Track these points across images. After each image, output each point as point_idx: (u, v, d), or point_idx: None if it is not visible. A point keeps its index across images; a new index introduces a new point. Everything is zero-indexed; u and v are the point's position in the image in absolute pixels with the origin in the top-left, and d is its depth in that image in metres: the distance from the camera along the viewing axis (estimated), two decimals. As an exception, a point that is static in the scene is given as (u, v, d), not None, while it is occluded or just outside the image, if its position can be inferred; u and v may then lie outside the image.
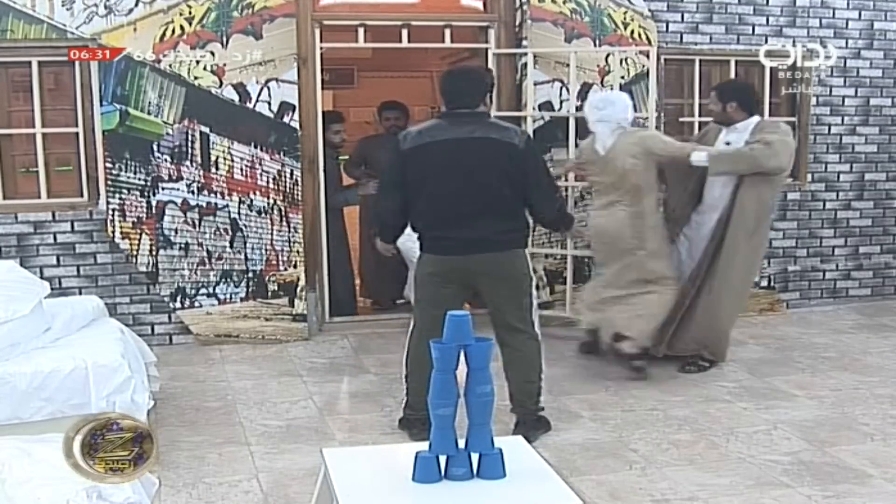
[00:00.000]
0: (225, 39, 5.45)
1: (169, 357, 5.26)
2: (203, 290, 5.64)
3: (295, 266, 5.73)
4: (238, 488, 3.59)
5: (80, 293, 5.35)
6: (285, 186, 5.65)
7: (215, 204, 5.56)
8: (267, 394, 4.76)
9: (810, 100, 6.47)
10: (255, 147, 5.57)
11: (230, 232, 5.62)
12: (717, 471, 3.74)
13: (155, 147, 5.44)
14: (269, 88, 5.53)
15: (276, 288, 5.73)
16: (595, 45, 5.95)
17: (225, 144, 5.52)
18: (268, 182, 5.62)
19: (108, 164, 5.40)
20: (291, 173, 5.64)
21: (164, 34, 5.37)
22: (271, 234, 5.67)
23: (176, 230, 5.54)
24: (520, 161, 3.87)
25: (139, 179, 5.45)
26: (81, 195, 5.52)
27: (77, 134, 5.44)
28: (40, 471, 2.65)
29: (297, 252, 5.73)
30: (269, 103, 5.54)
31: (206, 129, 5.49)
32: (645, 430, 4.22)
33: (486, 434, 2.35)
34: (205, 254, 5.60)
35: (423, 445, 2.38)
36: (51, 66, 5.41)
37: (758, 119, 5.05)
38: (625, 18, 6.00)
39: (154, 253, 5.54)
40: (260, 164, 5.59)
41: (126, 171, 5.43)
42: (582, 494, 2.78)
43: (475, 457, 2.35)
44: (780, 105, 6.40)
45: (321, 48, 5.74)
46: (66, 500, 2.51)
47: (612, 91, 5.62)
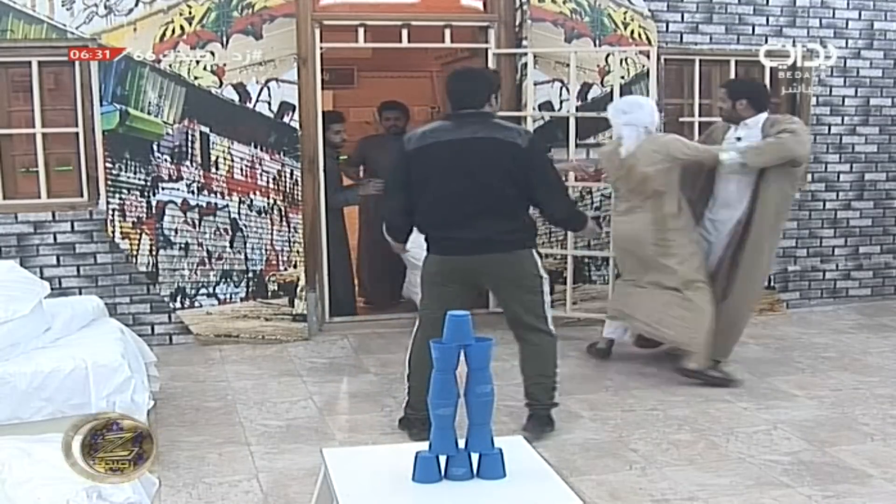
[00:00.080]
0: (225, 39, 5.45)
1: (169, 357, 5.26)
2: (203, 290, 5.64)
3: (295, 266, 5.73)
4: (238, 488, 3.59)
5: (80, 293, 5.34)
6: (285, 186, 5.64)
7: (215, 204, 5.56)
8: (267, 394, 4.76)
9: (810, 100, 6.47)
10: (255, 147, 5.57)
11: (230, 232, 5.62)
12: (717, 471, 3.74)
13: (155, 147, 5.44)
14: (269, 88, 5.53)
15: (276, 288, 5.73)
16: (595, 45, 5.95)
17: (225, 144, 5.52)
18: (268, 182, 5.62)
19: (108, 164, 5.40)
20: (291, 173, 5.64)
21: (164, 34, 5.37)
22: (271, 234, 5.67)
23: (176, 230, 5.54)
24: (523, 161, 3.87)
25: (139, 179, 5.45)
26: (81, 195, 5.52)
27: (77, 134, 5.44)
28: (40, 471, 2.65)
29: (297, 252, 5.73)
30: (269, 103, 5.54)
31: (206, 129, 5.49)
32: (645, 430, 4.22)
33: (486, 434, 2.35)
34: (205, 254, 5.60)
35: (423, 445, 2.38)
36: (51, 66, 5.41)
37: (766, 115, 5.00)
38: (625, 18, 6.00)
39: (154, 253, 5.54)
40: (260, 164, 5.59)
41: (126, 171, 5.43)
42: (582, 494, 2.78)
43: (475, 457, 2.35)
44: (780, 105, 6.38)
45: (321, 48, 5.74)
46: (66, 500, 2.51)
47: (636, 95, 5.54)
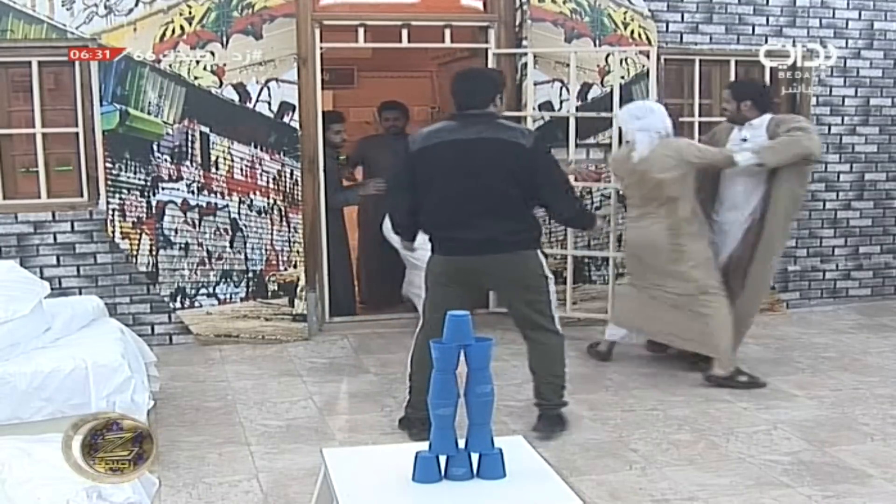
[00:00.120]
0: (225, 39, 5.45)
1: (169, 357, 5.26)
2: (203, 290, 5.64)
3: (295, 266, 5.73)
4: (238, 488, 3.59)
5: (80, 293, 5.35)
6: (285, 186, 5.64)
7: (215, 204, 5.56)
8: (267, 394, 4.76)
9: (810, 100, 6.47)
10: (255, 147, 5.57)
11: (230, 232, 5.62)
12: (717, 471, 3.74)
13: (155, 147, 5.44)
14: (269, 88, 5.53)
15: (276, 288, 5.73)
16: (595, 45, 5.95)
17: (225, 144, 5.52)
18: (268, 182, 5.62)
19: (108, 164, 5.40)
20: (291, 173, 5.64)
21: (164, 34, 5.37)
22: (271, 234, 5.67)
23: (176, 230, 5.54)
24: (527, 161, 3.86)
25: (139, 179, 5.45)
26: (81, 195, 5.52)
27: (77, 134, 5.45)
28: (40, 471, 2.65)
29: (297, 252, 5.73)
30: (269, 103, 5.54)
31: (206, 129, 5.49)
32: (645, 430, 4.22)
33: (486, 434, 2.35)
34: (205, 254, 5.60)
35: (423, 445, 2.38)
36: (51, 66, 5.41)
37: (770, 116, 4.98)
38: (625, 18, 6.00)
39: (154, 253, 5.54)
40: (260, 164, 5.59)
41: (126, 171, 5.43)
42: (582, 494, 2.78)
43: (475, 457, 2.35)
44: (780, 105, 6.38)
45: (321, 48, 5.74)
46: (66, 500, 2.51)
47: (646, 100, 5.49)
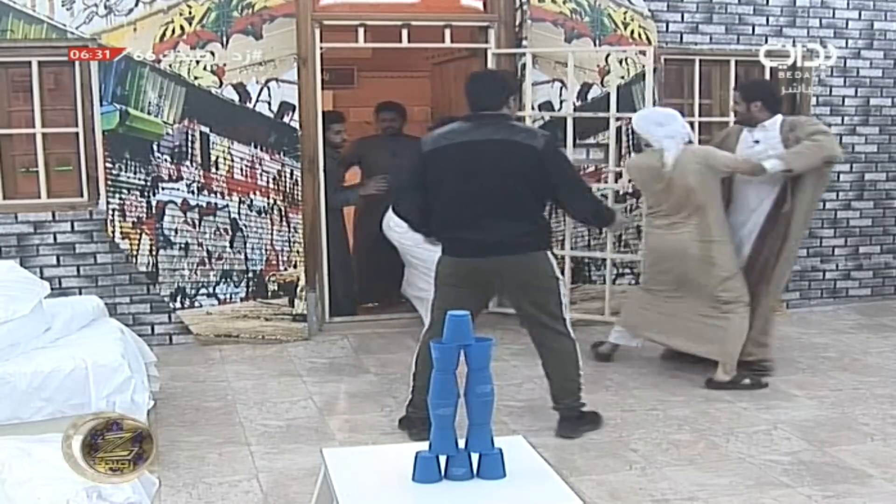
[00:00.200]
0: (225, 39, 5.45)
1: (169, 357, 5.26)
2: (203, 290, 5.64)
3: (295, 266, 5.73)
4: (238, 488, 3.59)
5: (80, 293, 5.34)
6: (285, 186, 5.64)
7: (215, 204, 5.56)
8: (267, 394, 4.75)
9: (810, 100, 6.47)
10: (255, 147, 5.56)
11: (230, 232, 5.62)
12: (717, 471, 3.74)
13: (155, 147, 5.44)
14: (269, 88, 5.53)
15: (276, 288, 5.72)
16: (595, 45, 5.95)
17: (225, 144, 5.52)
18: (268, 182, 5.61)
19: (108, 164, 5.40)
20: (291, 173, 5.64)
21: (164, 34, 5.37)
22: (271, 234, 5.67)
23: (176, 230, 5.54)
24: (539, 162, 3.85)
25: (139, 179, 5.45)
26: (81, 195, 5.52)
27: (77, 134, 5.44)
28: (40, 471, 2.65)
29: (297, 252, 5.73)
30: (269, 103, 5.54)
31: (206, 129, 5.49)
32: (645, 430, 4.22)
33: (486, 434, 2.35)
34: (205, 254, 5.60)
35: (423, 445, 2.38)
36: (51, 66, 5.41)
37: (781, 117, 4.95)
38: (625, 18, 6.00)
39: (154, 253, 5.54)
40: (260, 164, 5.59)
41: (126, 171, 5.43)
42: (582, 494, 2.78)
43: (475, 457, 2.35)
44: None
45: (321, 48, 5.74)
46: (66, 500, 2.50)
47: (660, 107, 5.43)
